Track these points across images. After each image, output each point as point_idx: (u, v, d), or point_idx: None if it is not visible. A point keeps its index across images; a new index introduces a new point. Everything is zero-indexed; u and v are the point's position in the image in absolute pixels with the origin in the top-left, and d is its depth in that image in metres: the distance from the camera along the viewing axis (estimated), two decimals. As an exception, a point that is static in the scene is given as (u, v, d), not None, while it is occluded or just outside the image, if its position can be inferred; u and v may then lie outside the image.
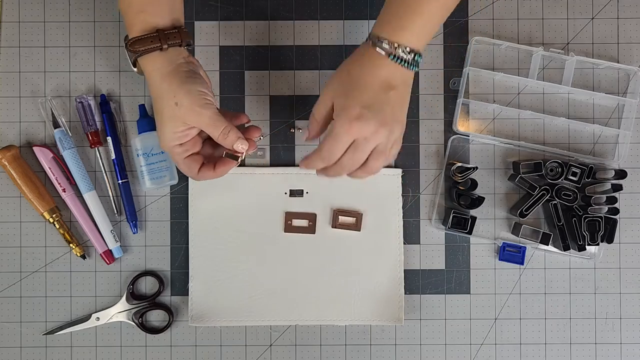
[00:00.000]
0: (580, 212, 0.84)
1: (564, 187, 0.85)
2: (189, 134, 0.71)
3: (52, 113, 0.85)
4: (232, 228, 0.85)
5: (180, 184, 0.86)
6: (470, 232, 0.85)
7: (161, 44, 0.70)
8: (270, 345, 0.86)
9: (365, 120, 0.67)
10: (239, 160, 0.73)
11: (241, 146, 0.71)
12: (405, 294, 0.86)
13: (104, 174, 0.86)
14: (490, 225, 0.87)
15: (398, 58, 0.69)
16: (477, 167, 0.85)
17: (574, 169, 0.84)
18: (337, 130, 0.68)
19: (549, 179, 0.85)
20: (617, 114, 0.87)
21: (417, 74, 0.87)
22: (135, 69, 0.75)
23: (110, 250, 0.85)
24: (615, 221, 0.85)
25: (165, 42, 0.70)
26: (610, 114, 0.87)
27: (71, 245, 0.85)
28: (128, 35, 0.72)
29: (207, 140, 0.74)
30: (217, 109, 0.71)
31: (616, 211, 0.85)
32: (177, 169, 0.83)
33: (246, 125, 0.76)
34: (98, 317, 0.85)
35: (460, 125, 0.87)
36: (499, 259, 0.86)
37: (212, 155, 0.75)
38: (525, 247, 0.86)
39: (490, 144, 0.87)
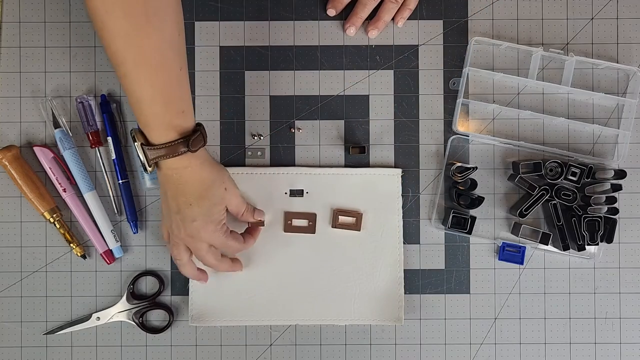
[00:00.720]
0: (580, 212, 0.84)
1: (563, 187, 0.85)
2: (225, 216, 0.77)
3: (53, 113, 0.85)
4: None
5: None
6: (470, 232, 0.85)
7: (204, 137, 0.72)
8: (270, 345, 0.86)
9: None
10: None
11: (260, 211, 0.84)
12: (405, 293, 0.86)
13: (104, 174, 0.86)
14: (490, 225, 0.87)
15: None
16: (476, 167, 0.85)
17: (573, 169, 0.84)
18: None
19: (549, 179, 0.85)
20: (617, 114, 0.87)
21: (416, 74, 0.87)
22: (149, 169, 0.72)
23: (111, 250, 0.85)
24: (614, 221, 0.85)
25: (193, 147, 0.71)
26: (609, 114, 0.87)
27: (71, 245, 0.85)
28: (149, 137, 0.70)
29: None
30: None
31: (616, 211, 0.85)
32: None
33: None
34: (98, 317, 0.85)
35: (460, 126, 0.87)
36: (499, 259, 0.86)
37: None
38: (524, 247, 0.86)
39: (489, 144, 0.87)
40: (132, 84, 0.67)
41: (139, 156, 0.71)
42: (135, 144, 0.70)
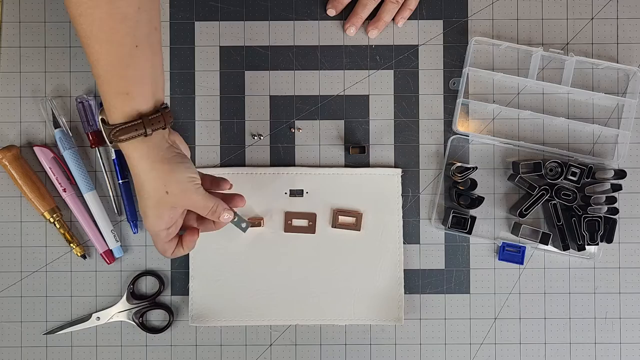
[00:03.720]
0: (580, 212, 0.84)
1: (563, 187, 0.85)
2: (174, 216, 0.71)
3: (53, 113, 0.85)
4: (232, 228, 0.85)
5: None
6: (470, 232, 0.85)
7: (145, 130, 0.66)
8: (270, 345, 0.86)
9: None
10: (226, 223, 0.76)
11: (227, 216, 0.74)
12: (405, 293, 0.86)
13: (105, 174, 0.86)
14: (490, 225, 0.87)
15: None
16: (476, 167, 0.85)
17: (573, 169, 0.84)
18: None
19: (549, 178, 0.85)
20: (617, 114, 0.87)
21: (416, 74, 0.87)
22: (110, 145, 0.70)
23: (111, 250, 0.85)
24: (614, 221, 0.85)
25: (150, 128, 0.66)
26: (609, 114, 0.88)
27: (71, 245, 0.85)
28: (106, 117, 0.67)
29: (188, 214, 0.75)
30: (201, 174, 0.73)
31: (615, 211, 0.85)
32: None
33: (227, 191, 0.77)
34: (98, 317, 0.85)
35: (460, 125, 0.87)
36: (499, 259, 0.86)
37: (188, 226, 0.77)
38: (524, 247, 0.86)
39: (489, 144, 0.87)
40: (87, 55, 0.64)
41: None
42: (97, 117, 0.68)
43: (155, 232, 0.72)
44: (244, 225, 0.77)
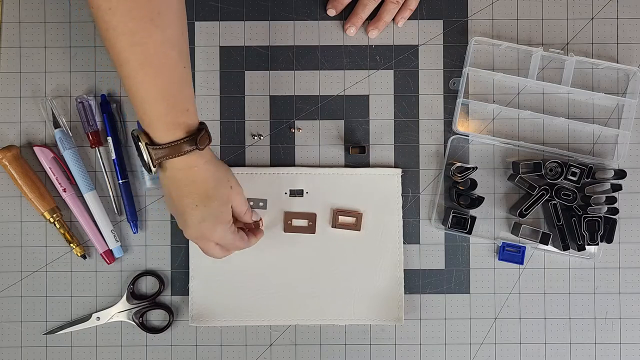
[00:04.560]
0: (580, 212, 0.84)
1: (563, 187, 0.85)
2: (231, 214, 0.77)
3: (53, 113, 0.85)
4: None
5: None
6: (470, 232, 0.85)
7: (209, 136, 0.71)
8: (270, 345, 0.86)
9: None
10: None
11: (257, 212, 0.83)
12: (405, 293, 0.86)
13: (105, 174, 0.86)
14: (490, 225, 0.87)
15: None
16: (476, 167, 0.85)
17: (573, 169, 0.84)
18: None
19: (549, 178, 0.85)
20: (617, 114, 0.87)
21: (416, 74, 0.87)
22: (153, 170, 0.70)
23: (111, 250, 0.85)
24: (614, 221, 0.85)
25: (207, 140, 0.71)
26: (609, 114, 0.88)
27: (71, 245, 0.85)
28: (154, 137, 0.69)
29: None
30: None
31: (615, 211, 0.85)
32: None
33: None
34: (98, 317, 0.85)
35: (460, 126, 0.87)
36: (499, 259, 0.86)
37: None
38: (524, 247, 0.86)
39: (489, 144, 0.87)
40: (135, 84, 0.66)
41: (143, 157, 0.70)
42: (140, 144, 0.69)
43: (223, 231, 0.75)
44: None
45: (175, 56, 0.67)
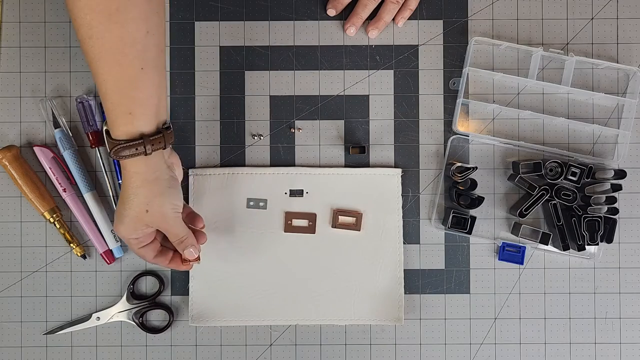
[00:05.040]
0: (580, 212, 0.84)
1: (563, 187, 0.85)
2: (146, 232, 0.74)
3: (53, 113, 0.85)
4: (232, 228, 0.85)
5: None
6: (470, 232, 0.85)
7: (145, 150, 0.69)
8: (270, 345, 0.86)
9: None
10: (190, 265, 0.79)
11: (191, 251, 0.77)
12: (405, 293, 0.86)
13: (104, 174, 0.86)
14: (490, 225, 0.87)
15: None
16: (476, 167, 0.85)
17: (573, 169, 0.84)
18: None
19: (549, 178, 0.85)
20: (617, 114, 0.87)
21: (416, 74, 0.87)
22: (110, 156, 0.71)
23: (111, 250, 0.85)
24: (614, 221, 0.85)
25: (150, 148, 0.69)
26: (609, 114, 0.88)
27: (71, 245, 0.85)
28: (109, 129, 0.69)
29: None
30: (184, 204, 0.76)
31: (616, 211, 0.85)
32: None
33: (199, 228, 0.79)
34: (98, 317, 0.85)
35: (460, 126, 0.87)
36: (499, 259, 0.86)
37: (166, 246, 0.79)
38: (524, 247, 0.86)
39: (489, 144, 0.87)
40: (93, 73, 0.67)
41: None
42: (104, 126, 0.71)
43: (125, 238, 0.74)
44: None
45: (131, 55, 0.66)
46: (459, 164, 0.85)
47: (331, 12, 0.86)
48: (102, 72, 0.66)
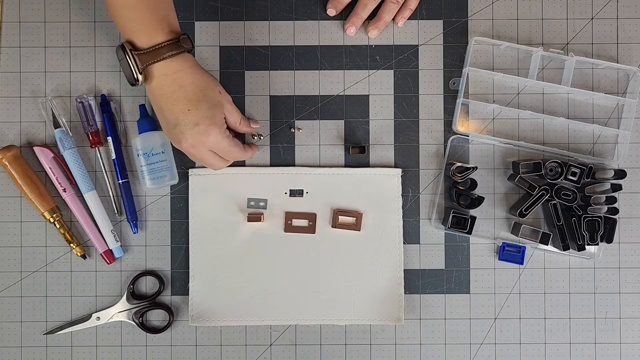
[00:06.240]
0: (580, 212, 0.84)
1: (563, 187, 0.85)
2: (224, 115, 0.78)
3: (53, 113, 0.85)
4: (232, 228, 0.85)
5: (180, 184, 0.86)
6: (470, 232, 0.85)
7: (185, 46, 0.74)
8: (270, 345, 0.86)
9: None
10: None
11: (257, 124, 0.84)
12: (405, 293, 0.86)
13: (105, 174, 0.86)
14: (490, 225, 0.87)
15: None
16: (476, 167, 0.85)
17: (573, 169, 0.84)
18: None
19: (549, 178, 0.85)
20: (617, 114, 0.87)
21: (416, 74, 0.87)
22: (140, 78, 0.73)
23: (111, 250, 0.85)
24: (614, 221, 0.85)
25: (189, 42, 0.74)
26: (609, 114, 0.88)
27: (71, 245, 0.85)
28: (138, 42, 0.73)
29: None
30: None
31: (615, 211, 0.85)
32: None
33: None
34: (98, 317, 0.85)
35: (460, 125, 0.87)
36: (499, 259, 0.86)
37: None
38: (524, 247, 0.86)
39: (489, 144, 0.87)
40: None
41: (129, 67, 0.73)
42: (126, 52, 0.72)
43: (221, 132, 0.76)
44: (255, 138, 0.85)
45: None
46: (459, 164, 0.85)
47: (331, 12, 0.86)
48: None
